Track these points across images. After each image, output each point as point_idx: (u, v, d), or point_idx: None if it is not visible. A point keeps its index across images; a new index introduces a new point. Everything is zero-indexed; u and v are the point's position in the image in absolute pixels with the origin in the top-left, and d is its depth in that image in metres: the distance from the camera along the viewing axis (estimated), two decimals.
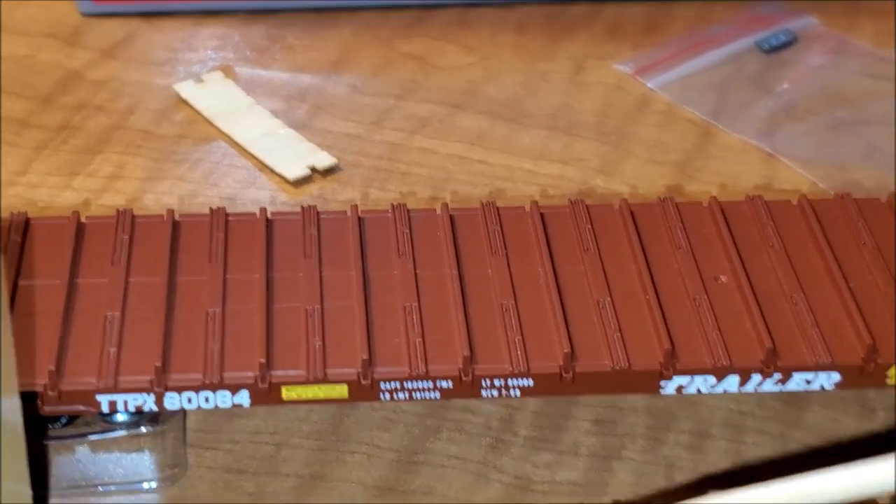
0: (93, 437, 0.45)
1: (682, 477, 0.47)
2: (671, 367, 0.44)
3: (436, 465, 0.47)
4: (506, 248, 0.48)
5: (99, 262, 0.46)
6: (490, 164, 0.58)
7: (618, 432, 0.48)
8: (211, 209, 0.48)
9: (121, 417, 0.45)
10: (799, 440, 0.48)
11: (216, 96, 0.60)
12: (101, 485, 0.45)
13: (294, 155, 0.57)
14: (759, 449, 0.48)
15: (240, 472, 0.46)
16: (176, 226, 0.48)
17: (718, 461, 0.47)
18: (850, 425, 0.48)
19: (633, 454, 0.47)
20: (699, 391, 0.45)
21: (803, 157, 0.60)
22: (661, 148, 0.60)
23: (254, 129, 0.58)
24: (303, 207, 0.49)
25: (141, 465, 0.45)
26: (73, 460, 0.45)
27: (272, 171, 0.56)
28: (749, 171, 0.59)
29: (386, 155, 0.58)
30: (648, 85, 0.63)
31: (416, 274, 0.47)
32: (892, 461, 0.38)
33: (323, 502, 0.45)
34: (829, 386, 0.45)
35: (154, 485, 0.46)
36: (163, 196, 0.54)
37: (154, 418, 0.45)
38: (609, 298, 0.46)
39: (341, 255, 0.47)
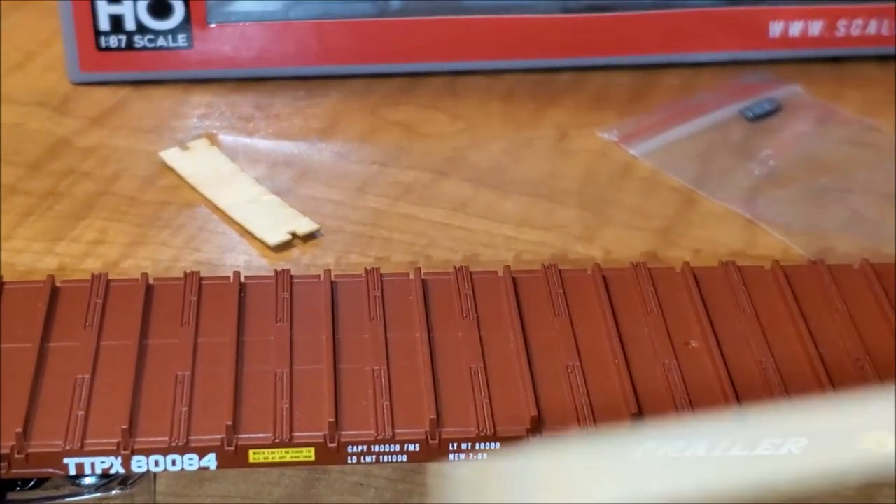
0: (62, 501, 0.45)
1: None
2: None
3: None
4: (477, 313, 0.48)
5: (72, 325, 0.47)
6: (472, 230, 0.59)
7: None
8: (185, 273, 0.49)
9: (89, 480, 0.45)
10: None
11: (201, 163, 0.61)
12: None
13: (275, 221, 0.57)
14: None
15: None
16: (149, 290, 0.48)
17: None
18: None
19: None
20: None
21: (785, 224, 0.60)
22: (642, 215, 0.60)
23: (237, 196, 0.59)
24: (276, 271, 0.49)
25: None
26: None
27: (254, 236, 0.57)
28: (730, 238, 0.59)
29: (368, 221, 0.59)
30: (632, 153, 0.64)
31: (386, 338, 0.47)
32: None
33: None
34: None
35: None
36: (143, 261, 0.55)
37: (123, 481, 0.45)
38: (578, 363, 0.46)
39: (313, 319, 0.48)
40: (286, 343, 0.47)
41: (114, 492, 0.45)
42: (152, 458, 0.43)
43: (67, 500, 0.45)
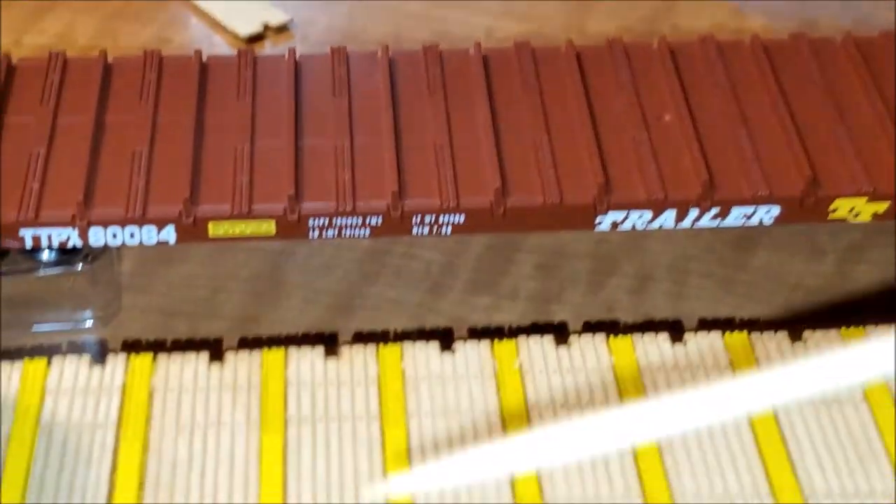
0: (22, 276, 0.44)
1: (621, 318, 0.46)
2: (605, 201, 0.43)
3: (372, 308, 0.46)
4: (445, 89, 0.47)
5: (28, 101, 0.46)
6: (450, 21, 0.57)
7: (559, 277, 0.47)
8: (145, 51, 0.48)
9: (49, 255, 0.45)
10: (744, 282, 0.47)
11: None
12: (35, 323, 0.45)
13: (248, 12, 0.56)
14: (702, 292, 0.47)
15: (173, 314, 0.46)
16: (108, 68, 0.47)
17: (659, 303, 0.46)
18: (798, 268, 0.47)
19: (574, 297, 0.47)
20: (635, 227, 0.44)
21: (775, 11, 0.58)
22: (629, 4, 0.58)
23: None
24: (239, 50, 0.48)
25: (73, 304, 0.45)
26: (4, 299, 0.45)
27: (225, 29, 0.56)
28: (717, 25, 0.57)
29: (342, 13, 0.57)
30: None
31: (350, 113, 0.46)
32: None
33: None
34: (768, 220, 0.44)
35: (87, 325, 0.45)
36: (110, 53, 0.53)
37: (85, 258, 0.45)
38: (546, 137, 0.45)
39: (275, 96, 0.46)
40: (247, 119, 0.45)
41: (74, 267, 0.44)
42: (110, 230, 0.43)
43: (29, 275, 0.44)
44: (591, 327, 0.44)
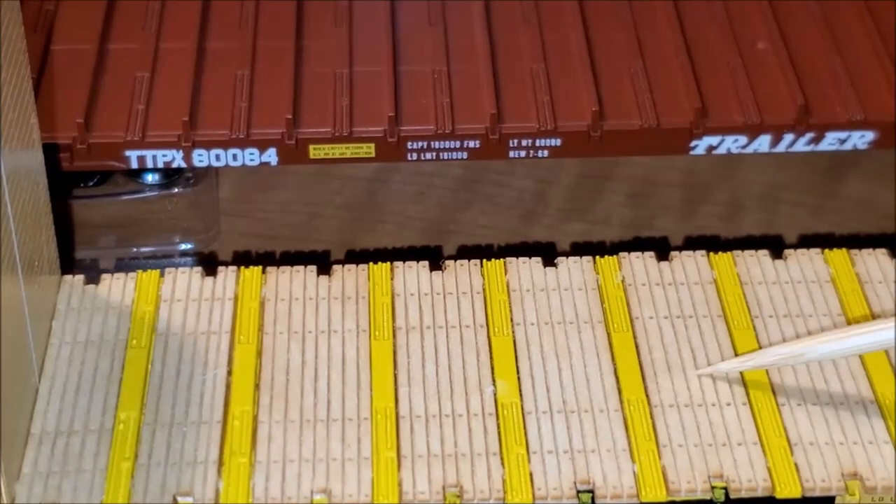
0: (125, 198, 0.45)
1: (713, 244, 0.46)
2: (701, 125, 0.44)
3: (466, 233, 0.47)
4: (538, 16, 0.47)
5: (130, 28, 0.47)
6: None
7: (651, 205, 0.48)
8: None
9: (152, 178, 0.45)
10: (835, 211, 0.47)
11: None
12: (136, 245, 0.46)
13: None
14: (793, 219, 0.47)
15: (272, 238, 0.47)
16: None
17: (752, 231, 0.47)
18: (888, 198, 0.47)
19: (666, 224, 0.47)
20: (730, 151, 0.44)
21: None
22: None
23: None
24: None
25: (174, 227, 0.46)
26: (107, 221, 0.46)
27: None
28: None
29: None
30: None
31: (446, 40, 0.47)
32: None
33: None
34: (863, 145, 0.44)
35: (188, 247, 0.46)
36: None
37: (186, 181, 0.46)
38: (641, 63, 0.46)
39: (372, 24, 0.47)
40: (345, 46, 0.46)
41: (175, 190, 0.45)
42: (213, 151, 0.43)
43: (131, 196, 0.45)
44: (691, 243, 0.45)
